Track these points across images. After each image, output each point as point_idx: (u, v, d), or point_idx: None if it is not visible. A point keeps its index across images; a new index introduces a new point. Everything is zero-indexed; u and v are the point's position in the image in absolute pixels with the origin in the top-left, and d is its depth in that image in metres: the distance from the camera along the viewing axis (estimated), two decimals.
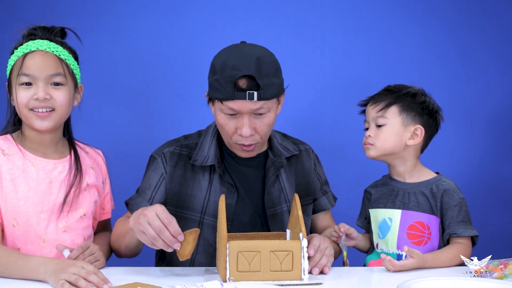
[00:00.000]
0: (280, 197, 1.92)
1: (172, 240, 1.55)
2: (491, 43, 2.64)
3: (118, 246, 1.83)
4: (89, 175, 1.84)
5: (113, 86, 2.62)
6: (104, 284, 1.47)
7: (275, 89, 1.77)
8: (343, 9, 2.65)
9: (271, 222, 1.90)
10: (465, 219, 1.87)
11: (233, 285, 1.45)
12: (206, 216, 1.86)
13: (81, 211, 1.79)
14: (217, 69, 1.75)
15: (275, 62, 1.79)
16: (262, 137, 1.82)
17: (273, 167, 1.91)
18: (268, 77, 1.73)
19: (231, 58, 1.74)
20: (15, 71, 1.71)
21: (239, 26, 2.62)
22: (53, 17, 2.58)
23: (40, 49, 1.72)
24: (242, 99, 1.72)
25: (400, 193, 1.93)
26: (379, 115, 1.92)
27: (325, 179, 2.09)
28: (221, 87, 1.73)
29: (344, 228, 1.89)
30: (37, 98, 1.69)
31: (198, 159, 1.88)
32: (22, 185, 1.72)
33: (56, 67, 1.73)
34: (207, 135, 1.93)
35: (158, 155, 1.92)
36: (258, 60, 1.72)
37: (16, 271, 1.56)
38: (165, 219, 1.55)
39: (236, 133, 1.79)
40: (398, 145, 1.92)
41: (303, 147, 2.04)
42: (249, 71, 1.70)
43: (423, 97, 1.95)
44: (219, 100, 1.76)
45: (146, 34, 2.62)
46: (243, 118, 1.76)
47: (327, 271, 1.67)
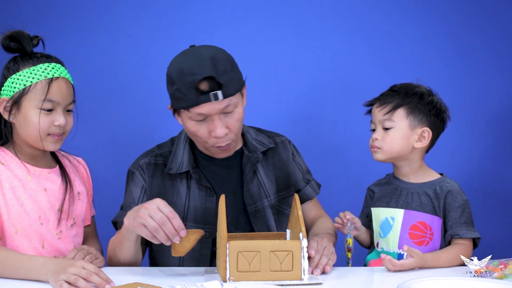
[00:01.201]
0: (260, 192, 1.91)
1: (174, 233, 1.55)
2: (491, 43, 2.63)
3: (116, 260, 1.78)
4: (76, 184, 1.87)
5: (114, 86, 2.62)
6: (106, 284, 1.47)
7: (236, 83, 1.76)
8: (343, 9, 2.65)
9: (253, 218, 1.89)
10: (468, 220, 1.87)
11: (233, 285, 1.45)
12: (188, 222, 1.86)
13: (72, 219, 1.83)
14: (174, 78, 1.73)
15: (228, 57, 1.78)
16: (236, 134, 1.81)
17: (249, 163, 1.91)
18: (227, 74, 1.72)
19: (185, 64, 1.72)
20: (37, 95, 1.71)
21: (239, 26, 2.63)
22: (53, 17, 2.60)
23: (62, 76, 1.75)
24: (208, 102, 1.70)
25: (404, 193, 1.93)
26: (386, 118, 1.91)
27: (306, 168, 2.07)
28: (184, 95, 1.71)
29: (350, 216, 1.88)
30: (59, 125, 1.73)
31: (173, 167, 1.88)
32: (21, 193, 1.73)
33: (72, 95, 1.78)
34: (179, 142, 1.92)
35: (135, 169, 1.91)
36: (213, 59, 1.70)
37: (16, 271, 1.56)
38: (169, 213, 1.55)
39: (210, 136, 1.78)
40: (406, 148, 1.91)
41: (279, 139, 2.03)
42: (207, 73, 1.68)
43: (430, 97, 1.93)
44: (185, 109, 1.74)
45: (146, 34, 2.63)
46: (213, 120, 1.75)
47: (328, 270, 1.67)
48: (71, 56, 2.54)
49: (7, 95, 1.73)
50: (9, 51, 1.77)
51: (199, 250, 1.85)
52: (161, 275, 1.69)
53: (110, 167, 2.58)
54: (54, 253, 1.77)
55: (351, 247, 1.87)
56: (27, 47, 1.76)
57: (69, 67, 1.83)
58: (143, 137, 2.59)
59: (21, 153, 1.78)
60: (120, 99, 2.63)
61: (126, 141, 2.62)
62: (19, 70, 1.73)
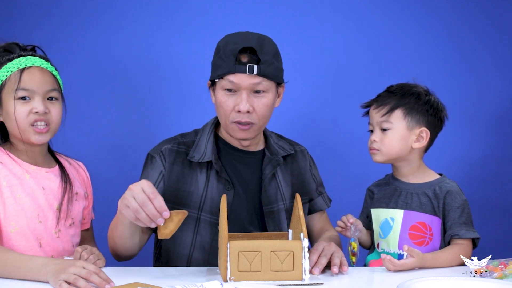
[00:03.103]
0: (277, 195, 1.93)
1: (156, 214, 1.53)
2: (491, 43, 2.64)
3: (113, 242, 1.78)
4: (75, 184, 1.87)
5: (113, 86, 2.62)
6: (107, 284, 1.47)
7: (275, 70, 1.82)
8: (343, 9, 2.65)
9: (267, 219, 1.90)
10: (467, 221, 1.87)
11: (233, 285, 1.45)
12: (203, 213, 1.87)
13: (71, 219, 1.83)
14: (220, 47, 1.83)
15: (275, 46, 1.86)
16: (260, 119, 1.84)
17: (270, 165, 1.93)
18: (268, 55, 1.80)
19: (234, 36, 1.83)
20: (11, 86, 1.73)
21: (239, 26, 2.60)
22: (53, 17, 2.60)
23: (36, 65, 1.76)
24: (243, 72, 1.78)
25: (403, 193, 1.93)
26: (383, 119, 1.91)
27: (320, 180, 2.10)
28: (223, 62, 1.79)
29: (353, 219, 1.88)
30: (37, 112, 1.72)
31: (196, 156, 1.90)
32: (19, 191, 1.74)
33: (52, 83, 1.78)
34: (204, 133, 1.95)
35: (156, 153, 1.93)
36: (260, 38, 1.81)
37: (17, 271, 1.56)
38: (150, 193, 1.53)
39: (234, 110, 1.82)
40: (404, 149, 1.91)
41: (298, 148, 2.06)
42: (250, 44, 1.78)
43: (427, 97, 1.93)
44: (220, 77, 1.80)
45: (146, 34, 2.63)
46: (241, 94, 1.80)
47: (345, 270, 1.67)
48: (71, 57, 2.56)
49: None
50: None
51: (211, 243, 1.86)
52: (161, 275, 1.69)
53: (109, 167, 2.58)
54: (51, 253, 1.77)
55: (356, 252, 1.86)
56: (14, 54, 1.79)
57: (67, 68, 1.84)
58: (143, 138, 2.59)
59: (18, 151, 1.79)
60: (120, 99, 2.62)
61: (126, 141, 2.62)
62: None
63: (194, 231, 1.87)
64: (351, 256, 1.87)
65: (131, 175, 2.54)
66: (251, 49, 1.78)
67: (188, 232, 1.87)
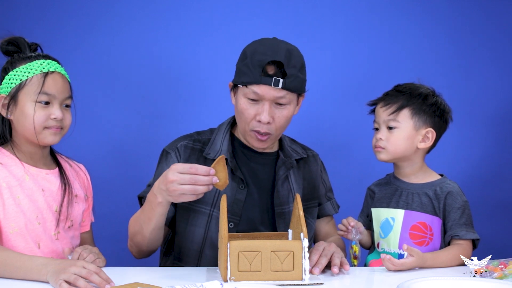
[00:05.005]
0: (289, 197, 1.94)
1: (208, 178, 1.56)
2: (491, 43, 2.64)
3: (141, 238, 1.78)
4: (75, 186, 1.87)
5: (113, 86, 2.62)
6: (107, 284, 1.47)
7: (299, 83, 1.83)
8: (343, 9, 2.65)
9: (278, 220, 1.91)
10: (468, 222, 1.87)
11: (233, 285, 1.45)
12: (215, 210, 1.88)
13: (70, 221, 1.83)
14: (248, 54, 1.82)
15: (302, 58, 1.86)
16: (278, 129, 1.85)
17: (284, 166, 1.94)
18: (295, 69, 1.80)
19: (263, 46, 1.81)
20: (33, 88, 1.72)
21: (239, 26, 2.63)
22: (53, 17, 2.60)
23: (58, 71, 1.77)
24: (268, 84, 1.77)
25: (404, 193, 1.94)
26: (390, 118, 1.91)
27: (330, 186, 2.11)
28: (249, 71, 1.79)
29: (354, 222, 1.88)
30: (55, 118, 1.74)
31: (211, 153, 1.91)
32: (19, 192, 1.73)
33: (68, 90, 1.80)
34: (219, 132, 1.96)
35: (171, 150, 1.94)
36: (288, 51, 1.80)
37: (17, 271, 1.56)
38: (189, 169, 1.55)
39: (254, 119, 1.83)
40: (409, 148, 1.91)
41: (311, 153, 2.08)
42: (278, 58, 1.77)
43: (434, 98, 1.94)
44: (244, 85, 1.80)
45: (146, 34, 2.63)
46: (264, 104, 1.81)
47: (347, 269, 1.68)
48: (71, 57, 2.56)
49: (5, 92, 1.75)
50: (8, 54, 1.80)
51: None
52: (161, 275, 1.69)
53: (110, 169, 2.57)
54: (50, 254, 1.76)
55: (357, 255, 1.87)
56: (25, 51, 1.79)
57: (68, 68, 1.84)
58: (144, 140, 2.59)
59: (19, 152, 1.78)
60: (120, 101, 2.63)
61: (126, 141, 2.62)
62: (16, 67, 1.75)
63: (205, 228, 1.88)
64: (352, 259, 1.87)
65: (131, 176, 2.55)
66: (278, 62, 1.77)
67: (199, 228, 1.88)
